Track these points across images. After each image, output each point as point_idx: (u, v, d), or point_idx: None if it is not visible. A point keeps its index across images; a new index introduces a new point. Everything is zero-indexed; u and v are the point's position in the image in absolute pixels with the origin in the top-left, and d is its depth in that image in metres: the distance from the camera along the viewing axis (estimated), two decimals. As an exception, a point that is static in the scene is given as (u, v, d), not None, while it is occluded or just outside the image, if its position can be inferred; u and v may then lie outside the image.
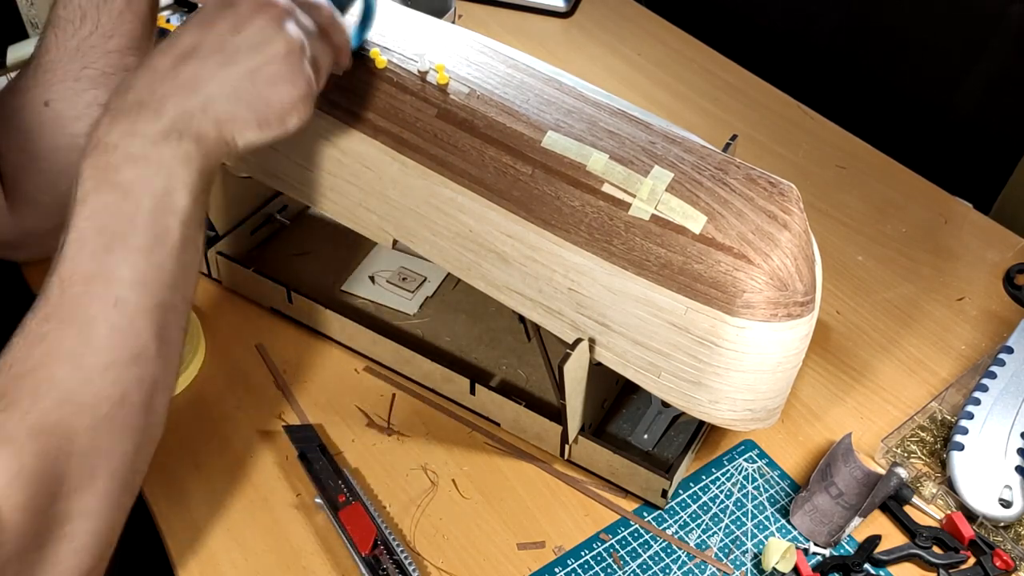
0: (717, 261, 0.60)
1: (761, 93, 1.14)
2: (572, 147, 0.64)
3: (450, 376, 0.74)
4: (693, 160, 0.63)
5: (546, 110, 0.66)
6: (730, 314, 0.60)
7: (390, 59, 0.69)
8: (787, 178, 0.64)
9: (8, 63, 1.04)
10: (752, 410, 0.65)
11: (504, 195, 0.65)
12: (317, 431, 0.74)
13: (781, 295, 0.60)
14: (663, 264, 0.61)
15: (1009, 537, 0.69)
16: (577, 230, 0.63)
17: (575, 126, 0.65)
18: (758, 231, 0.61)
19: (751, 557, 0.68)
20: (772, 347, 0.62)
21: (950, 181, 1.03)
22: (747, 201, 0.62)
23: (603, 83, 1.11)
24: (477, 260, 0.68)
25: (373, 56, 0.69)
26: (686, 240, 0.61)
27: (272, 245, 0.89)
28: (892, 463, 0.72)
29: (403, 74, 0.69)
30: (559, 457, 0.73)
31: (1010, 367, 0.78)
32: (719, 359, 0.62)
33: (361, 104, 0.69)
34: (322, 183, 0.74)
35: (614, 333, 0.64)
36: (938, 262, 0.93)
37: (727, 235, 0.60)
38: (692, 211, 0.61)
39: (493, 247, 0.67)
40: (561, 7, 1.26)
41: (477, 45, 0.72)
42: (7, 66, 1.04)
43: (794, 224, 0.62)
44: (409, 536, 0.68)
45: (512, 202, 0.65)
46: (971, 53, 1.18)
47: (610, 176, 0.63)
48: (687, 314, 0.61)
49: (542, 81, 0.69)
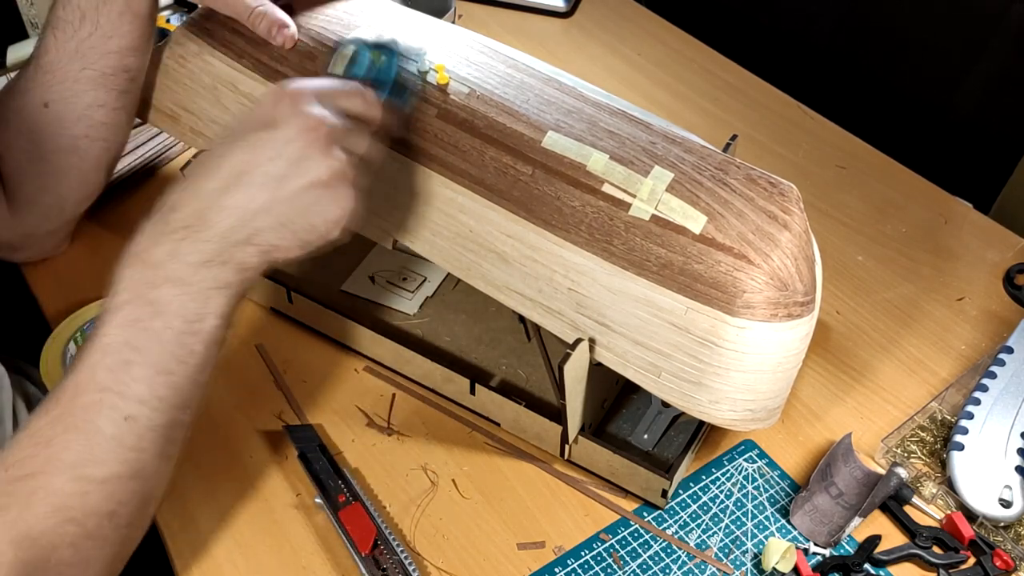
0: (717, 261, 0.60)
1: (761, 93, 1.14)
2: (572, 147, 0.64)
3: (450, 376, 0.74)
4: (693, 160, 0.63)
5: (546, 110, 0.66)
6: (730, 314, 0.60)
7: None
8: (787, 178, 0.64)
9: (8, 63, 1.04)
10: (752, 410, 0.65)
11: (504, 195, 0.65)
12: (317, 431, 0.74)
13: (781, 295, 0.60)
14: (663, 264, 0.61)
15: (1009, 537, 0.69)
16: (577, 230, 0.63)
17: (575, 126, 0.65)
18: (758, 231, 0.61)
19: (751, 557, 0.68)
20: (772, 347, 0.62)
21: (950, 181, 1.03)
22: (747, 201, 0.62)
23: (603, 83, 1.11)
24: (477, 260, 0.68)
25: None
26: (686, 240, 0.61)
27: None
28: (892, 463, 0.72)
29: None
30: (559, 457, 0.73)
31: (1010, 367, 0.78)
32: (719, 359, 0.62)
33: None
34: None
35: (614, 333, 0.64)
36: (938, 262, 0.93)
37: (727, 235, 0.60)
38: (692, 211, 0.61)
39: (493, 247, 0.67)
40: (561, 7, 1.26)
41: (477, 45, 0.72)
42: (7, 66, 1.04)
43: (794, 224, 0.62)
44: (409, 536, 0.68)
45: (512, 202, 0.65)
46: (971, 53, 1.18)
47: (610, 176, 0.63)
48: (687, 314, 0.61)
49: (542, 81, 0.69)
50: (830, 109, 1.11)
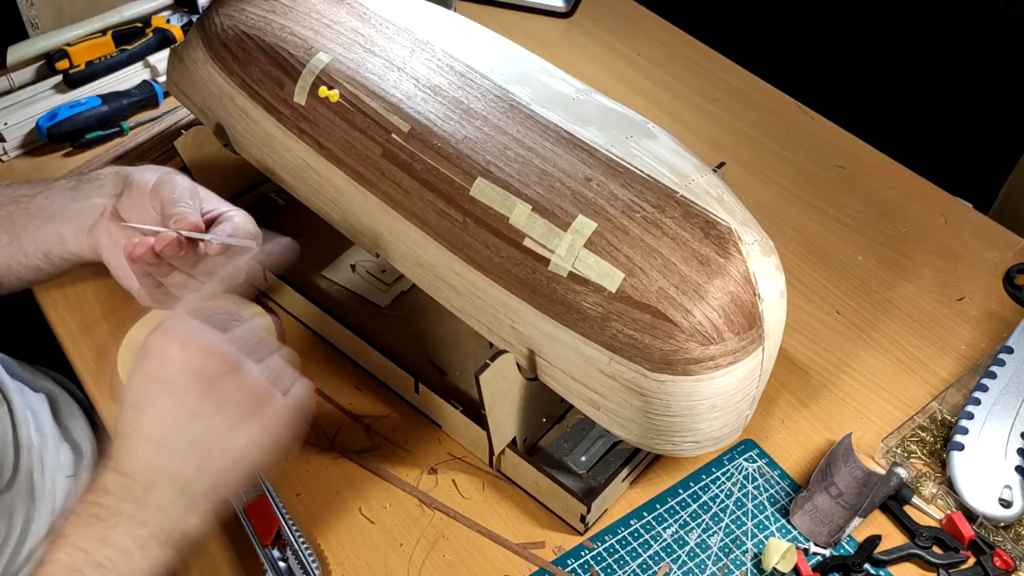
0: (634, 320, 0.59)
1: (761, 93, 1.14)
2: (497, 197, 0.63)
3: (397, 372, 0.75)
4: (628, 199, 0.61)
5: (481, 148, 0.65)
6: (650, 370, 0.59)
7: (342, 93, 0.70)
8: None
9: (8, 63, 1.04)
10: (697, 442, 0.64)
11: (444, 237, 0.66)
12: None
13: (704, 350, 0.58)
14: (584, 318, 0.60)
15: (1009, 537, 0.69)
16: (507, 278, 0.63)
17: (505, 169, 0.64)
18: (682, 283, 0.58)
19: (751, 557, 0.68)
20: (701, 396, 0.60)
21: (950, 181, 1.03)
22: (678, 246, 0.59)
23: (603, 83, 1.11)
24: (438, 285, 0.69)
25: (323, 94, 0.70)
26: (602, 298, 0.59)
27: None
28: (892, 463, 0.72)
29: (352, 110, 0.69)
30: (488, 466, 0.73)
31: (1010, 367, 0.78)
32: (649, 406, 0.61)
33: (324, 136, 0.71)
34: (309, 195, 0.76)
35: (555, 368, 0.64)
36: (938, 262, 0.93)
37: (645, 293, 0.58)
38: (609, 268, 0.59)
39: (445, 279, 0.67)
40: (561, 7, 1.26)
41: (437, 63, 0.71)
42: (7, 66, 1.04)
43: (731, 268, 0.59)
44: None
45: (452, 244, 0.65)
46: (971, 53, 1.18)
47: (531, 231, 0.61)
48: (611, 365, 0.60)
49: (491, 103, 0.67)
50: (830, 109, 1.11)
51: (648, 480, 0.73)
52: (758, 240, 0.61)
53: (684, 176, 0.63)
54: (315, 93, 0.70)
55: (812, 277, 0.90)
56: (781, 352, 0.67)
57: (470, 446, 0.73)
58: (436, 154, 0.65)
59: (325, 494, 0.70)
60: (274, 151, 0.76)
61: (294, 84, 0.72)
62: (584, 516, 0.67)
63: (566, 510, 0.69)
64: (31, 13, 1.08)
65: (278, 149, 0.75)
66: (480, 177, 0.64)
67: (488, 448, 0.70)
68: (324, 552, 0.67)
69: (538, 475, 0.68)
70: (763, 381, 0.64)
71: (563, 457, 0.73)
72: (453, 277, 0.67)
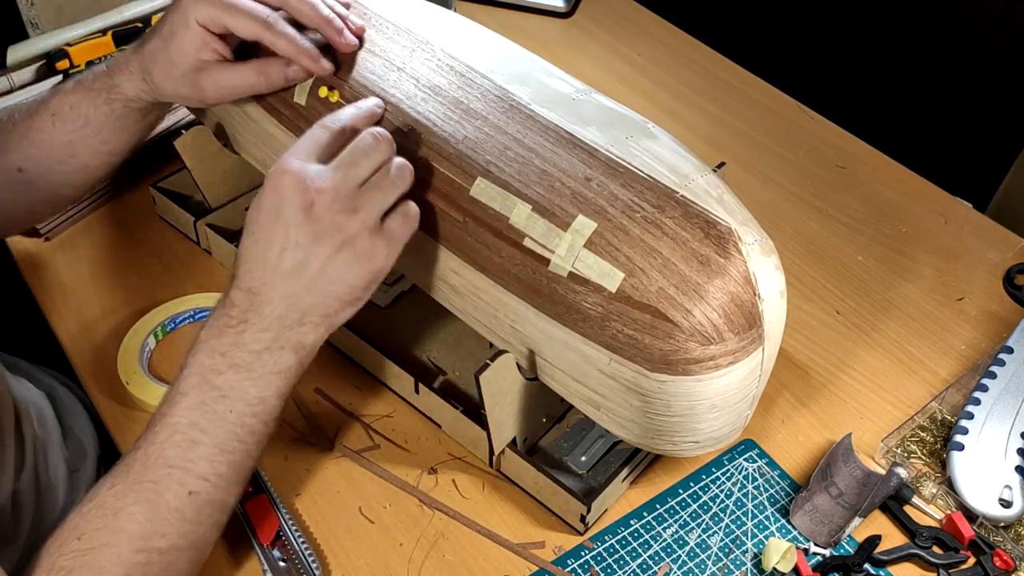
0: (634, 320, 0.58)
1: (761, 93, 1.14)
2: (497, 197, 0.63)
3: (398, 372, 0.75)
4: (628, 199, 0.61)
5: (481, 148, 0.65)
6: (650, 370, 0.59)
7: (342, 93, 0.69)
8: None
9: (8, 63, 1.04)
10: (698, 442, 0.64)
11: (444, 237, 0.65)
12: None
13: (704, 350, 0.58)
14: (584, 318, 0.60)
15: (1009, 537, 0.69)
16: (507, 278, 0.63)
17: (505, 169, 0.63)
18: (682, 283, 0.58)
19: (751, 557, 0.68)
20: (701, 396, 0.60)
21: (950, 181, 1.03)
22: (679, 246, 0.59)
23: (603, 83, 1.11)
24: (439, 285, 0.69)
25: (323, 95, 0.70)
26: (602, 298, 0.59)
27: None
28: (892, 463, 0.72)
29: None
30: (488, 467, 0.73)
31: (1010, 367, 0.78)
32: (649, 406, 0.61)
33: None
34: None
35: (555, 368, 0.64)
36: (938, 262, 0.93)
37: (645, 293, 0.58)
38: (609, 268, 0.59)
39: (446, 280, 0.67)
40: (561, 7, 1.26)
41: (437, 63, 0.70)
42: (7, 66, 1.04)
43: (731, 268, 0.59)
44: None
45: (452, 244, 0.65)
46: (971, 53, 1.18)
47: (531, 231, 0.61)
48: (611, 365, 0.60)
49: (491, 103, 0.67)
50: (830, 109, 1.11)
51: (648, 480, 0.73)
52: (758, 240, 0.61)
53: (684, 176, 0.63)
54: (315, 93, 0.70)
55: (812, 277, 0.90)
56: (781, 352, 0.67)
57: (470, 446, 0.73)
58: (436, 154, 0.65)
59: (325, 494, 0.70)
60: (274, 151, 0.76)
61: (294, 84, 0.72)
62: (584, 516, 0.67)
63: (566, 510, 0.69)
64: (31, 13, 1.08)
65: (278, 149, 0.75)
66: (480, 177, 0.64)
67: (488, 448, 0.70)
68: (324, 552, 0.67)
69: (538, 475, 0.69)
70: (763, 381, 0.64)
71: (563, 457, 0.73)
72: (453, 277, 0.67)
